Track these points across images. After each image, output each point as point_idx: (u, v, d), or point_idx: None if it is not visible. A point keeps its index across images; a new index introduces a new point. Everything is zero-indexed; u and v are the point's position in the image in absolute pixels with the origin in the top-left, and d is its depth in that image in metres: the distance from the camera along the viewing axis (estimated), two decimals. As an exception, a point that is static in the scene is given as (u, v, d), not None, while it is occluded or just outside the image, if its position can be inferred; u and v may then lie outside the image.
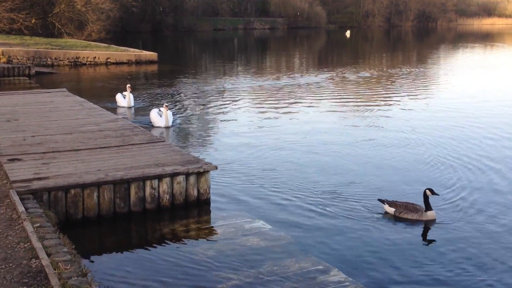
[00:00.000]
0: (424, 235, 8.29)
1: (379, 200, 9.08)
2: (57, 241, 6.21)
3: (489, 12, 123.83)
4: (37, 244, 5.97)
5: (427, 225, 8.52)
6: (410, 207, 8.71)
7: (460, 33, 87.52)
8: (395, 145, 13.44)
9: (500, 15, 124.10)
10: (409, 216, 8.64)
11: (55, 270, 5.32)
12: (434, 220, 8.60)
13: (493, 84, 26.20)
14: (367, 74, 29.73)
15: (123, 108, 18.17)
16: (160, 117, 15.12)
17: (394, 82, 26.54)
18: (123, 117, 14.83)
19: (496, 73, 30.71)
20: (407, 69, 32.36)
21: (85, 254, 7.19)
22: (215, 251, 7.46)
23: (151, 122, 15.32)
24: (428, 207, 8.68)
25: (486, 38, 74.16)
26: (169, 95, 21.62)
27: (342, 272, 6.82)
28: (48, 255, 5.73)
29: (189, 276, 6.78)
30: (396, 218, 8.70)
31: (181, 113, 17.69)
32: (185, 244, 7.76)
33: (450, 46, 56.61)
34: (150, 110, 16.12)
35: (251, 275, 6.74)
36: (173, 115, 15.97)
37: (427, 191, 8.73)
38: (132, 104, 18.38)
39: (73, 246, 6.47)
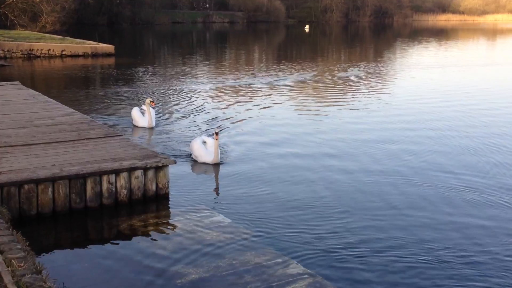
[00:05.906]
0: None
1: None
2: (10, 238, 6.05)
3: (444, 8, 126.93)
4: (-12, 242, 5.79)
5: None
6: None
7: (415, 29, 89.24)
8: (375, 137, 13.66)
9: (454, 12, 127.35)
10: None
11: (8, 267, 5.18)
12: None
13: (453, 78, 26.91)
14: (328, 69, 30.01)
15: (141, 128, 14.28)
16: (206, 149, 11.22)
17: (355, 77, 26.89)
18: (142, 141, 12.52)
19: (447, 69, 31.51)
20: (366, 64, 32.82)
21: (40, 251, 7.03)
22: (174, 246, 7.41)
23: (194, 155, 11.44)
24: None
25: (441, 34, 75.91)
26: (129, 90, 21.30)
27: (301, 265, 6.88)
28: (1, 252, 5.57)
29: (147, 271, 6.71)
30: None
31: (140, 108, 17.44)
32: (143, 239, 7.68)
33: (405, 41, 57.69)
34: (192, 139, 12.07)
35: (210, 270, 6.73)
36: (130, 109, 15.68)
37: None
38: (154, 124, 14.47)
39: (27, 243, 6.31)
